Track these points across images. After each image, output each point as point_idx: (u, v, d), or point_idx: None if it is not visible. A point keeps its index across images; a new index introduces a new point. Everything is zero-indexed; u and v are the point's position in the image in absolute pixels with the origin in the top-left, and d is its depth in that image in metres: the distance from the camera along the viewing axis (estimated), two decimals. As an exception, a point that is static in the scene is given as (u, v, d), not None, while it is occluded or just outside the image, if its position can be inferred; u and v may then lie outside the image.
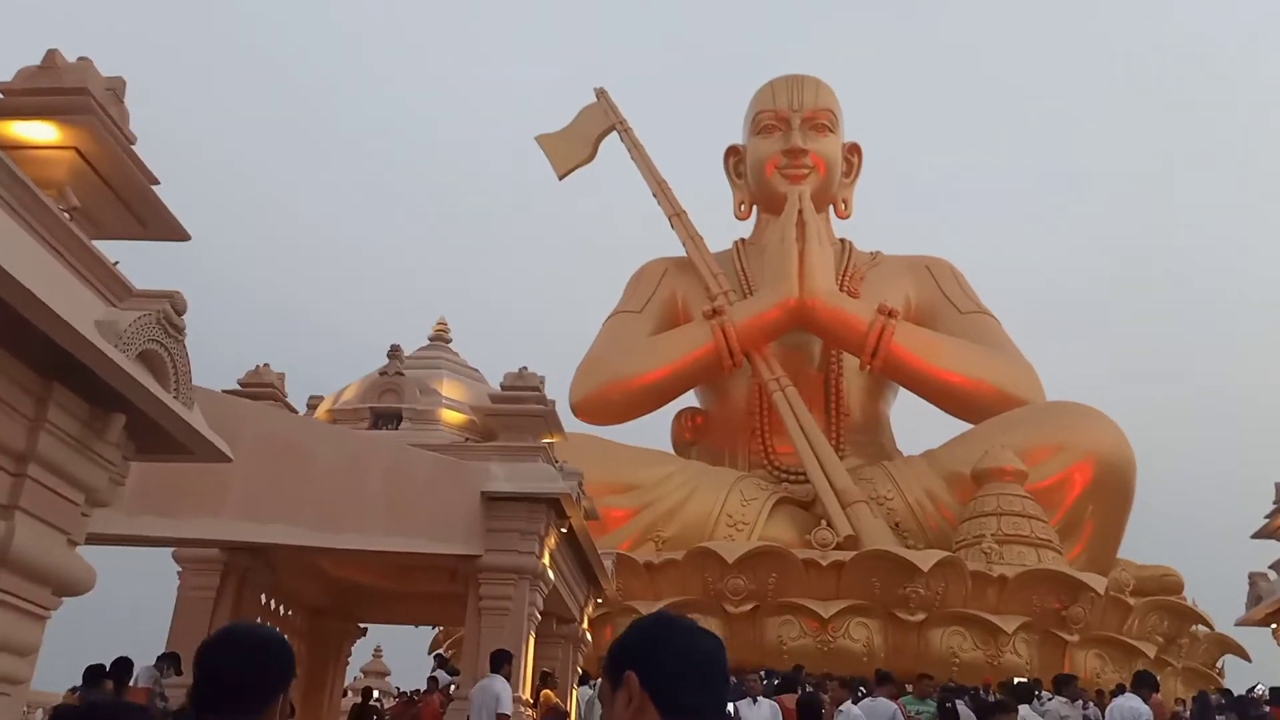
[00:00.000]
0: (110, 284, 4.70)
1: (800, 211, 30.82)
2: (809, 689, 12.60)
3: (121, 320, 4.41)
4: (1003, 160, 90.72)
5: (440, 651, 24.53)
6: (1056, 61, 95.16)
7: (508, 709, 9.72)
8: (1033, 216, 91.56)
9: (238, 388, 11.80)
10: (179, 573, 11.32)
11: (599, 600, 15.94)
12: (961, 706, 12.63)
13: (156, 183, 5.26)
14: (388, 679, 27.49)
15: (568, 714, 11.40)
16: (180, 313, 4.74)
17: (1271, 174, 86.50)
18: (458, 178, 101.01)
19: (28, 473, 4.24)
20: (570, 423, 25.93)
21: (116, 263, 4.84)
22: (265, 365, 12.42)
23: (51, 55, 4.81)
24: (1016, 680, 17.88)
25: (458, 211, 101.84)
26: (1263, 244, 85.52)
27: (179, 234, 5.40)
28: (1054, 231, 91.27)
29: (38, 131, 4.69)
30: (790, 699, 11.81)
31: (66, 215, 4.55)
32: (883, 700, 12.01)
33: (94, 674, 8.32)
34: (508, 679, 10.08)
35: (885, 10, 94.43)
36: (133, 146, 5.14)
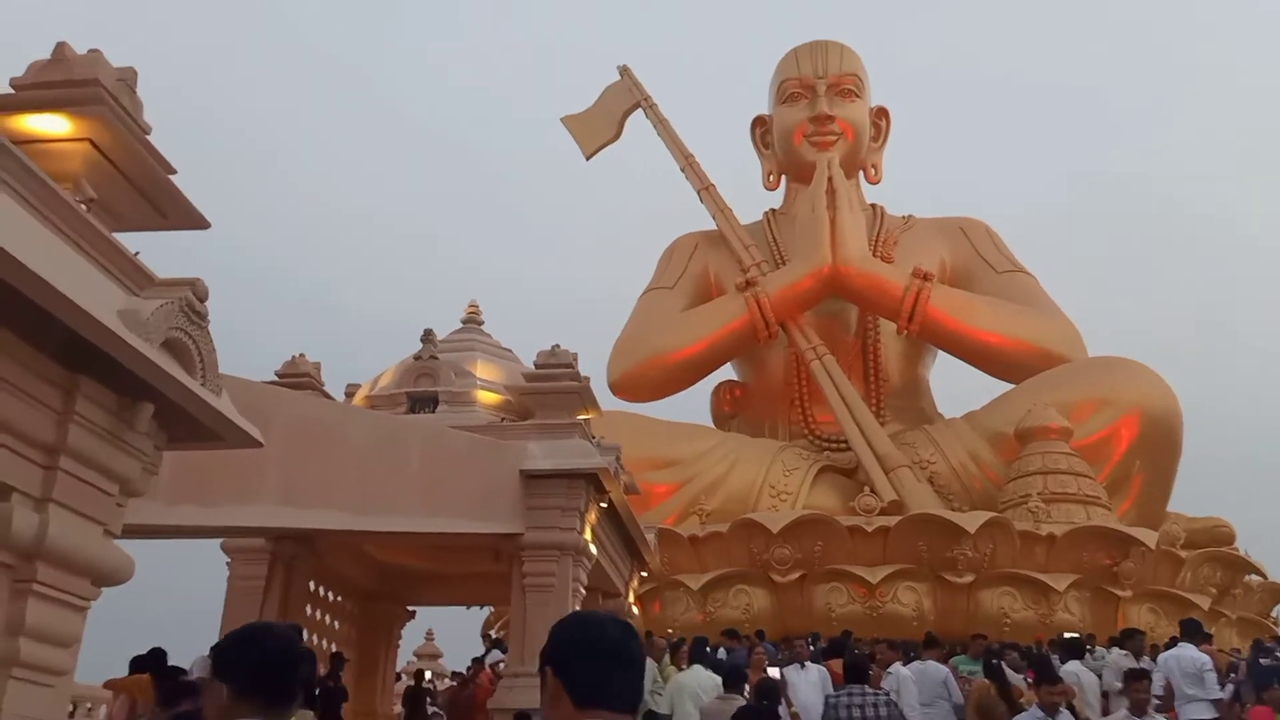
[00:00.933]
0: (131, 274, 4.70)
1: (830, 179, 30.45)
2: (857, 654, 12.53)
3: (144, 309, 4.42)
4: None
5: (492, 633, 24.75)
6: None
7: None
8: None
9: (275, 379, 11.91)
10: (228, 563, 11.50)
11: (644, 574, 15.97)
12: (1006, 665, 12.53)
13: (173, 172, 5.25)
14: (441, 661, 27.79)
15: None
16: (202, 299, 4.74)
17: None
18: (488, 156, 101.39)
19: (59, 465, 4.27)
20: (608, 401, 26.02)
21: (137, 253, 4.85)
22: (301, 355, 12.51)
23: (61, 48, 4.81)
24: (1067, 635, 17.67)
25: (488, 191, 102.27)
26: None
27: (199, 223, 5.40)
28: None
29: (50, 124, 4.69)
30: (838, 663, 11.77)
31: (84, 207, 4.56)
32: (933, 663, 11.92)
33: (141, 664, 8.44)
34: None
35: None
36: (148, 136, 5.14)
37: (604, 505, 11.91)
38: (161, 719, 8.29)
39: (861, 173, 34.12)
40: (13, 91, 4.74)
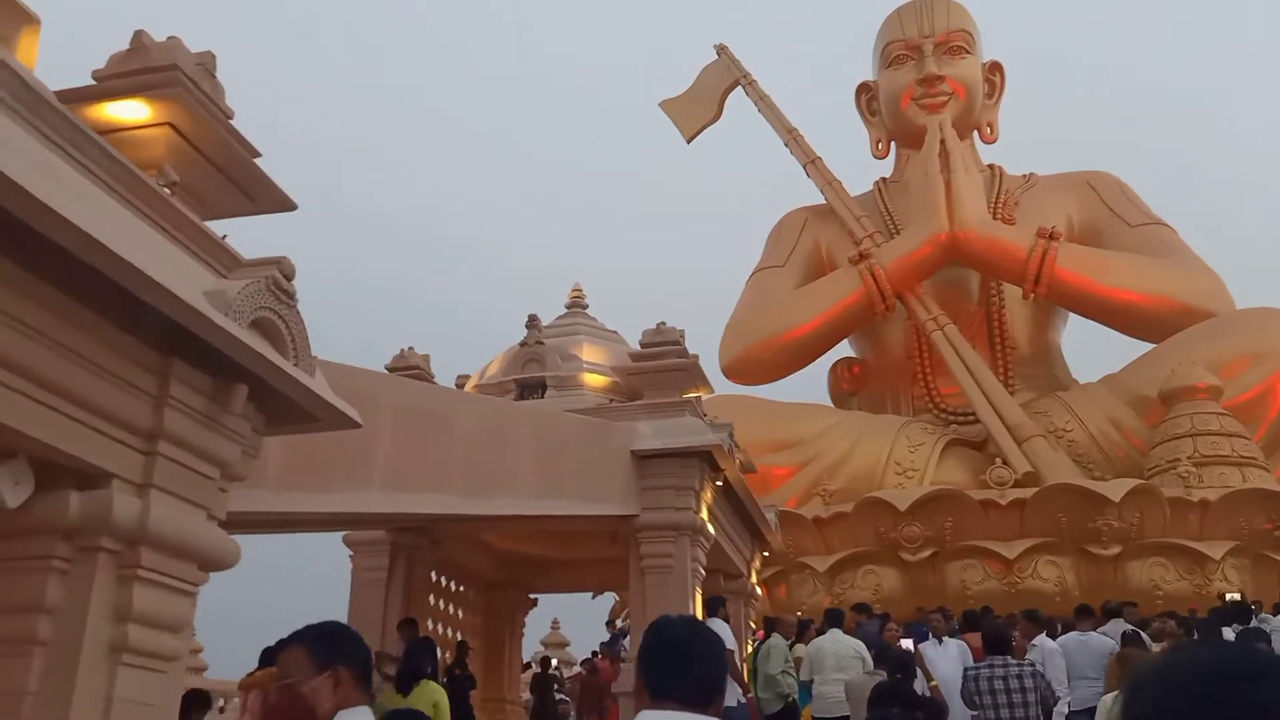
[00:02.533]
0: (219, 256, 4.68)
1: (942, 141, 29.39)
2: (996, 624, 11.97)
3: (230, 289, 4.37)
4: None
5: (618, 621, 24.76)
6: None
7: (733, 645, 10.08)
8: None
9: (386, 372, 12.05)
10: (351, 555, 11.69)
11: (765, 554, 15.64)
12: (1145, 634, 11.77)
13: (258, 155, 5.22)
14: (568, 649, 27.97)
15: (740, 668, 11.22)
16: (289, 277, 4.67)
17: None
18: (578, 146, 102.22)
19: (158, 450, 4.25)
20: (722, 385, 25.65)
21: (225, 236, 4.82)
22: (410, 349, 12.65)
23: (139, 36, 4.81)
24: (1228, 596, 16.49)
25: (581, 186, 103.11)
26: None
27: (286, 205, 5.37)
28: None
29: (130, 111, 4.70)
30: (977, 638, 11.25)
31: (168, 191, 4.54)
32: (1095, 635, 11.23)
33: (271, 655, 8.62)
34: (725, 620, 10.50)
35: None
36: (230, 121, 5.11)
37: (719, 484, 11.66)
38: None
39: (976, 133, 32.83)
40: (94, 83, 4.76)
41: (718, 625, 10.08)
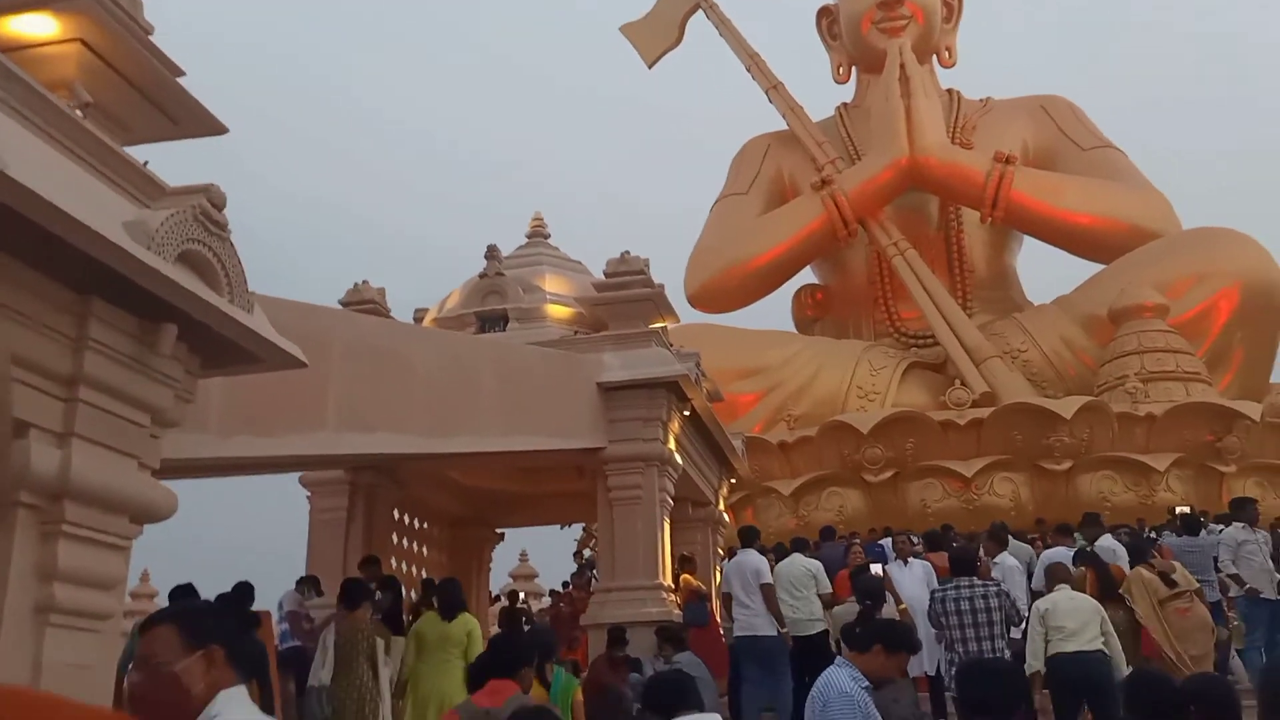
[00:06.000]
0: (141, 185, 4.30)
1: (902, 66, 29.14)
2: (961, 545, 12.02)
3: (152, 220, 4.01)
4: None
5: (586, 551, 24.83)
6: None
7: (769, 579, 10.09)
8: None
9: (338, 308, 11.65)
10: (308, 497, 11.41)
11: (733, 481, 15.61)
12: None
13: (181, 74, 4.81)
14: (536, 580, 28.10)
15: (709, 595, 11.21)
16: (219, 206, 4.31)
17: None
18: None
19: (79, 396, 3.92)
20: (688, 314, 25.45)
21: (146, 163, 4.44)
22: (365, 282, 12.22)
23: (41, -58, 4.36)
24: (1179, 510, 16.78)
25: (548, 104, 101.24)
26: None
27: (214, 128, 4.96)
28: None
29: (36, 26, 4.25)
30: (940, 557, 11.30)
31: (80, 114, 4.14)
32: (1062, 549, 11.30)
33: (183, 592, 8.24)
34: (761, 553, 10.57)
35: None
36: (150, 36, 4.69)
37: (687, 414, 11.49)
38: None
39: (935, 57, 32.49)
40: (-7, -5, 4.31)
41: (755, 557, 10.20)
